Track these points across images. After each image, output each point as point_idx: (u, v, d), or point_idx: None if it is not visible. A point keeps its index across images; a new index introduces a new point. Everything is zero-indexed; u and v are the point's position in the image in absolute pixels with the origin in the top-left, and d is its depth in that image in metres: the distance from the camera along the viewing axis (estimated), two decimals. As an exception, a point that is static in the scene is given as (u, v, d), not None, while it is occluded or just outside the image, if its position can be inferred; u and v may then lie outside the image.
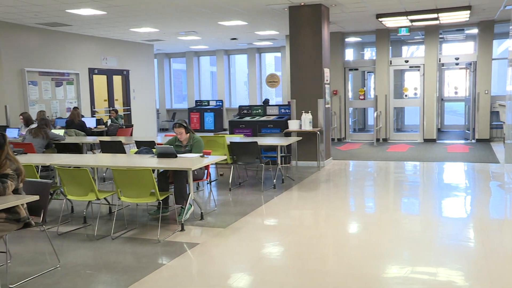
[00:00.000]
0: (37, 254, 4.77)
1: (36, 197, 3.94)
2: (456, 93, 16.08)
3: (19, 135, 9.34)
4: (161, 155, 5.98)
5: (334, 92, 14.20)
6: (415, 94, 13.97)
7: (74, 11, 9.53)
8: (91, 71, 13.46)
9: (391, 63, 13.89)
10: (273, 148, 8.73)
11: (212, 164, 6.67)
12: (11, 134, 9.32)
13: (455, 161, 10.02)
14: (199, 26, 12.37)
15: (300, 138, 8.88)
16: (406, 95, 14.25)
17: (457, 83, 16.25)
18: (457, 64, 14.13)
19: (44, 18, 10.31)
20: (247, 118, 10.74)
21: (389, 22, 11.83)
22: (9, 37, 10.86)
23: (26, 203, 4.00)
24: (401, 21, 11.60)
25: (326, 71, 9.83)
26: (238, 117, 11.07)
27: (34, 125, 8.90)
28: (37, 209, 4.25)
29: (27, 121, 9.62)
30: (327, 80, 9.88)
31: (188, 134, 6.32)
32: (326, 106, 9.89)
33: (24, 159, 6.07)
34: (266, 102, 16.18)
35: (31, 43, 11.45)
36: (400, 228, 5.57)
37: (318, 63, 9.56)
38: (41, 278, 4.11)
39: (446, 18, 11.22)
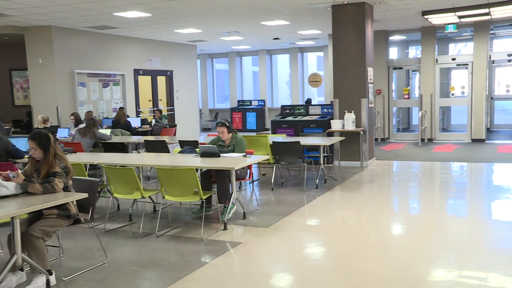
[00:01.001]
0: (86, 250, 4.93)
1: (85, 195, 4.07)
2: (507, 91, 15.47)
3: (69, 134, 9.67)
4: (204, 154, 6.05)
5: (378, 91, 13.96)
6: (463, 92, 13.54)
7: (121, 14, 9.78)
8: (136, 72, 13.78)
9: (437, 61, 13.52)
10: (315, 148, 8.67)
11: (254, 163, 6.69)
12: (62, 133, 9.67)
13: (506, 162, 9.64)
14: (241, 27, 12.44)
15: (343, 138, 8.78)
16: (453, 94, 13.83)
17: (509, 80, 15.63)
18: (509, 61, 13.58)
19: (93, 21, 10.64)
20: (290, 118, 10.72)
21: (436, 19, 11.51)
22: (61, 41, 11.26)
23: (76, 201, 4.13)
24: (449, 18, 11.25)
25: (370, 70, 9.68)
26: (280, 117, 11.06)
27: (82, 125, 9.20)
28: (86, 206, 4.39)
29: (77, 121, 9.96)
30: (370, 79, 9.73)
31: (231, 133, 6.37)
32: (370, 105, 9.74)
33: (74, 158, 6.28)
34: (308, 101, 16.07)
35: (81, 46, 11.83)
36: (447, 230, 5.41)
37: (361, 62, 9.42)
38: (90, 273, 4.25)
39: (499, 12, 10.75)
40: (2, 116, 12.28)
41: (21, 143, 6.55)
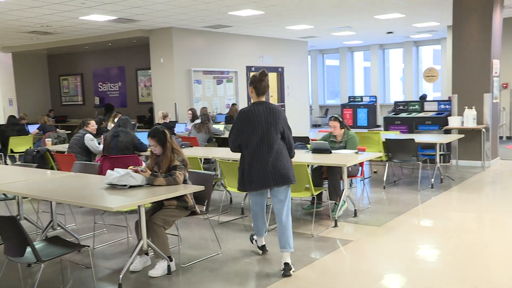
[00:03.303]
0: (201, 240, 5.19)
1: (202, 187, 4.28)
2: None
3: (186, 129, 10.23)
4: (316, 150, 6.05)
5: (504, 85, 12.87)
6: None
7: (235, 12, 10.11)
8: (249, 69, 14.15)
9: None
10: (431, 146, 8.25)
11: (366, 161, 6.55)
12: (179, 129, 10.25)
13: None
14: (354, 21, 12.21)
15: (462, 135, 8.24)
16: None
17: None
18: None
19: (209, 21, 11.13)
20: (403, 115, 10.31)
21: None
22: (180, 41, 11.95)
23: (193, 193, 4.37)
24: None
25: (495, 63, 8.96)
26: (393, 113, 10.69)
27: (198, 121, 9.67)
28: (202, 198, 4.61)
29: (194, 116, 10.52)
30: (496, 73, 9.00)
31: (343, 129, 6.29)
32: (494, 101, 9.02)
33: (190, 152, 6.62)
34: (423, 97, 15.32)
35: (197, 45, 12.44)
36: None
37: (485, 54, 8.75)
38: (206, 262, 4.47)
39: None
40: (129, 112, 13.34)
41: (145, 137, 7.05)
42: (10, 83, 15.66)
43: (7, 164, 9.66)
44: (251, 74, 14.17)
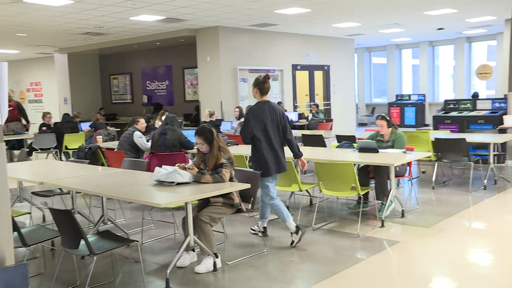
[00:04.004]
0: (247, 238, 5.22)
1: (248, 185, 4.31)
2: None
3: (231, 127, 10.31)
4: (363, 149, 5.96)
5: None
6: None
7: (281, 11, 10.09)
8: (294, 67, 14.10)
9: None
10: (483, 146, 7.96)
11: (414, 160, 6.40)
12: (225, 127, 10.35)
13: None
14: (402, 18, 11.93)
15: (518, 135, 7.91)
16: None
17: None
18: None
19: (255, 19, 11.16)
20: (454, 113, 10.00)
21: None
22: (226, 40, 12.06)
23: (238, 191, 4.40)
24: None
25: (553, 59, 8.54)
26: (443, 112, 10.38)
27: (243, 119, 9.71)
28: (247, 196, 4.64)
29: (240, 114, 10.61)
30: (554, 70, 8.58)
31: (390, 128, 6.17)
32: (552, 99, 8.61)
33: (236, 150, 6.68)
34: (475, 95, 14.81)
35: (243, 43, 12.51)
36: None
37: (543, 50, 8.35)
38: (251, 260, 4.50)
39: None
40: (175, 110, 13.59)
41: (192, 135, 7.16)
42: (65, 83, 16.30)
43: (61, 160, 10.06)
44: (297, 72, 14.14)
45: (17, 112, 11.77)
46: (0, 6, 8.59)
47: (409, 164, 6.13)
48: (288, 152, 5.06)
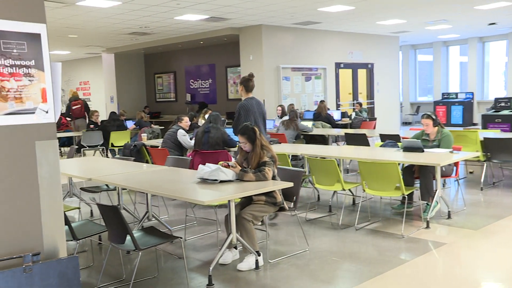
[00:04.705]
0: (289, 236, 5.21)
1: (291, 184, 4.30)
2: None
3: (274, 126, 10.32)
4: (407, 149, 5.84)
5: None
6: None
7: (325, 8, 10.01)
8: (337, 66, 13.96)
9: None
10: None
11: (461, 160, 6.21)
12: (268, 125, 10.31)
13: None
14: (450, 14, 11.59)
15: None
16: None
17: None
18: None
19: (298, 18, 11.13)
20: (505, 112, 9.64)
21: None
22: (269, 38, 12.08)
23: (281, 189, 4.40)
24: None
25: None
26: (493, 110, 10.03)
27: (286, 117, 9.72)
28: (290, 195, 4.63)
29: (283, 112, 10.62)
30: None
31: (436, 127, 6.01)
32: None
33: (278, 148, 6.68)
34: (528, 93, 14.23)
35: (286, 42, 12.49)
36: None
37: None
38: (293, 259, 4.49)
39: None
40: (218, 108, 13.72)
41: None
42: (112, 82, 16.77)
43: (108, 157, 10.36)
44: (340, 70, 14.00)
45: (83, 109, 12.43)
46: (54, 10, 8.95)
47: (456, 164, 5.96)
48: (327, 151, 5.02)
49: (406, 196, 5.41)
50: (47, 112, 2.42)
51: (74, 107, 12.57)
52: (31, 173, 2.40)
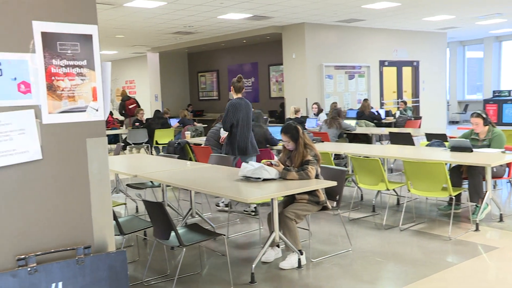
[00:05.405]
0: (331, 236, 5.17)
1: (334, 183, 4.26)
2: None
3: (316, 124, 10.25)
4: (455, 148, 5.67)
5: None
6: None
7: (369, 5, 9.86)
8: (381, 63, 13.72)
9: None
10: None
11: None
12: (310, 124, 10.31)
13: None
14: (505, 7, 11.12)
15: None
16: None
17: None
18: None
19: (342, 15, 11.00)
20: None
21: None
22: (312, 36, 12.01)
23: (324, 188, 4.37)
24: None
25: None
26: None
27: (322, 114, 9.68)
28: (333, 193, 4.59)
29: (319, 110, 10.61)
30: None
31: (487, 126, 5.81)
32: None
33: (321, 147, 6.62)
34: None
35: (329, 40, 12.38)
36: None
37: None
38: (336, 258, 4.45)
39: None
40: (260, 107, 13.75)
41: (277, 131, 7.22)
42: (156, 81, 17.11)
43: (152, 154, 10.58)
44: (384, 68, 13.75)
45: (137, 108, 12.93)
46: (104, 12, 9.23)
47: (508, 165, 5.73)
48: (371, 150, 4.94)
49: (453, 197, 5.26)
50: (97, 110, 2.50)
51: (130, 106, 13.05)
52: (82, 169, 2.49)
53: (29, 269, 2.25)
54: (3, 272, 2.22)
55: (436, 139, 6.80)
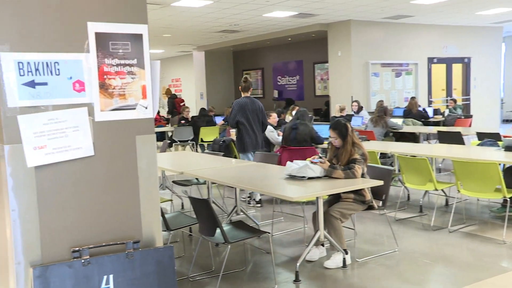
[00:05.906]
0: (377, 236, 5.08)
1: (381, 182, 4.18)
2: None
3: (362, 123, 10.10)
4: (510, 148, 5.45)
5: None
6: None
7: (418, 1, 9.61)
8: (430, 61, 13.35)
9: None
10: None
11: None
12: (356, 122, 10.17)
13: None
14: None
15: None
16: None
17: None
18: None
19: (389, 12, 10.78)
20: None
21: None
22: (358, 33, 11.83)
23: (370, 187, 4.30)
24: None
25: None
26: None
27: (363, 112, 9.52)
28: (379, 193, 4.51)
29: (359, 108, 10.48)
30: None
31: (543, 126, 5.55)
32: None
33: (367, 146, 6.48)
34: None
35: (375, 37, 12.16)
36: None
37: None
38: (381, 258, 4.37)
39: None
40: (305, 105, 13.67)
41: (322, 130, 7.17)
42: (202, 79, 17.34)
43: (197, 152, 10.73)
44: (433, 66, 13.38)
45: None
46: (152, 12, 9.44)
47: None
48: (418, 149, 4.81)
49: (508, 199, 5.05)
50: (146, 108, 2.56)
51: (181, 104, 13.46)
52: (132, 165, 2.55)
53: (82, 261, 2.34)
54: (61, 262, 2.32)
55: (488, 138, 6.56)
